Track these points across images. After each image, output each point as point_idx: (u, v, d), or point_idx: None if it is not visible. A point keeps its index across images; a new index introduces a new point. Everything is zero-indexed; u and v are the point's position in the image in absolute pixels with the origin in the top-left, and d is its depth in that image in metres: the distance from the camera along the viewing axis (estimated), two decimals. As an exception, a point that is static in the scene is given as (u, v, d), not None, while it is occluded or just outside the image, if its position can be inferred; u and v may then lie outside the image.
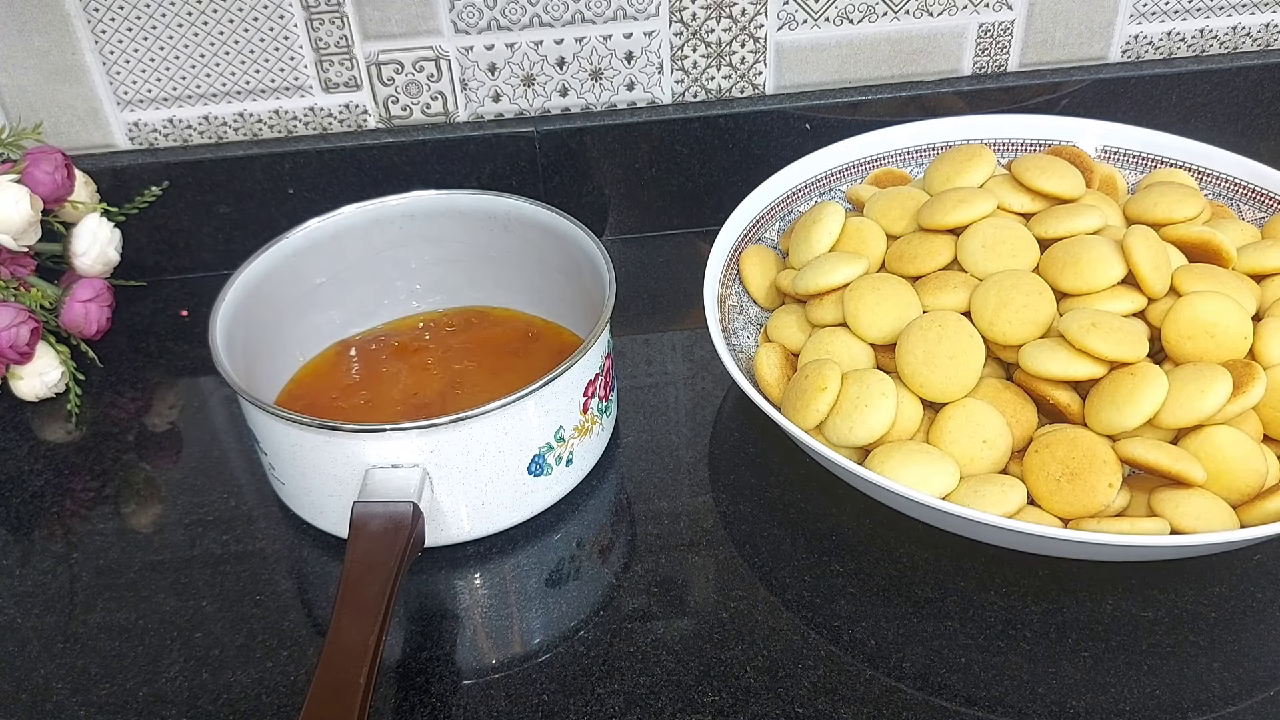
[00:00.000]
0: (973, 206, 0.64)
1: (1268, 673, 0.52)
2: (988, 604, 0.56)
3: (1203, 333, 0.56)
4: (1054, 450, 0.55)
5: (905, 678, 0.53)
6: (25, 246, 0.73)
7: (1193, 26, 0.83)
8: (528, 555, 0.60)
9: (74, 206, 0.77)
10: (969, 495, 0.55)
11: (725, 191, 0.76)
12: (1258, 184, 0.71)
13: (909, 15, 0.80)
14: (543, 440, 0.58)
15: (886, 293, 0.62)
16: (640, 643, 0.55)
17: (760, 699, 0.52)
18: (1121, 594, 0.56)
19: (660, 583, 0.58)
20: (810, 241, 0.67)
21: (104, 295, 0.76)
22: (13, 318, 0.70)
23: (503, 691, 0.53)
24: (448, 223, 0.71)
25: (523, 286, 0.73)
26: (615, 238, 0.86)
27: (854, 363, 0.61)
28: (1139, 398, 0.54)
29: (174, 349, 0.78)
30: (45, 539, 0.63)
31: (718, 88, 0.82)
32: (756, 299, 0.70)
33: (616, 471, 0.65)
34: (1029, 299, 0.59)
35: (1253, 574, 0.57)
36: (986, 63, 0.83)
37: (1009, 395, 0.59)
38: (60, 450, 0.70)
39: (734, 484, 0.64)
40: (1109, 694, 0.51)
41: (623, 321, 0.76)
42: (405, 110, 0.81)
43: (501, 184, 0.81)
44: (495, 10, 0.76)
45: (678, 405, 0.70)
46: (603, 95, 0.81)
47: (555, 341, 0.71)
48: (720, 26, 0.79)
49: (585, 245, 0.65)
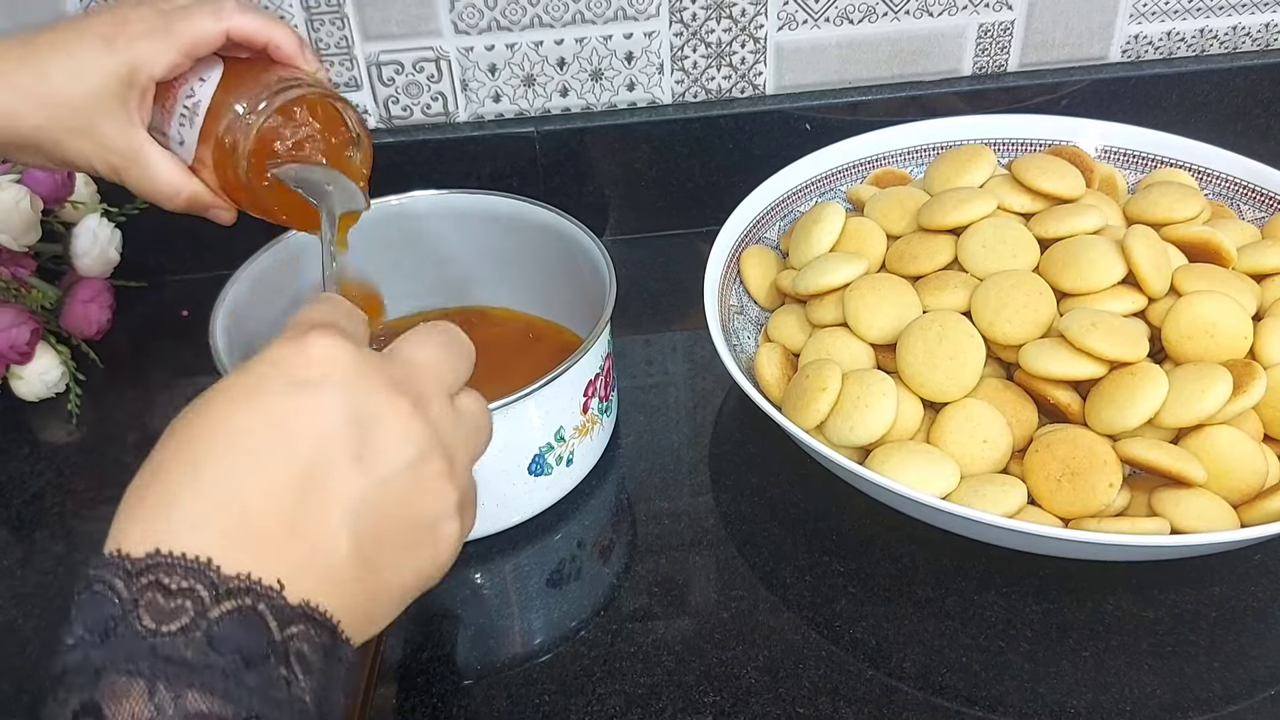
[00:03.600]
0: (973, 206, 0.64)
1: (1268, 673, 0.52)
2: (988, 604, 0.56)
3: (1203, 333, 0.56)
4: (1054, 450, 0.55)
5: (906, 677, 0.53)
6: (25, 246, 0.73)
7: (1193, 26, 0.83)
8: (528, 555, 0.60)
9: (74, 206, 0.77)
10: (969, 495, 0.55)
11: (725, 191, 0.76)
12: (1258, 184, 0.71)
13: (909, 15, 0.80)
14: (543, 440, 0.58)
15: (887, 293, 0.62)
16: (641, 643, 0.55)
17: (761, 699, 0.52)
18: (1121, 594, 0.56)
19: (661, 583, 0.58)
20: (810, 241, 0.67)
21: (104, 295, 0.76)
22: (13, 318, 0.70)
23: (504, 691, 0.53)
24: (448, 223, 0.71)
25: (523, 286, 0.73)
26: (615, 238, 0.86)
27: (854, 363, 0.61)
28: (1139, 398, 0.54)
29: (174, 349, 0.78)
30: (46, 539, 0.63)
31: (718, 88, 0.82)
32: (757, 299, 0.70)
33: (617, 471, 0.65)
34: (1029, 299, 0.59)
35: (1253, 574, 0.57)
36: (987, 63, 0.83)
37: (1009, 395, 0.59)
38: (61, 450, 0.70)
39: (735, 484, 0.64)
40: (1109, 694, 0.51)
41: (623, 321, 0.76)
42: (405, 110, 0.81)
43: (501, 184, 0.81)
44: (495, 11, 0.76)
45: (678, 405, 0.70)
46: (603, 95, 0.81)
47: (555, 341, 0.71)
48: (720, 27, 0.79)
49: (585, 245, 0.65)
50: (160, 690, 0.27)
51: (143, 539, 0.29)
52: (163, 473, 0.30)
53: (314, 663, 0.30)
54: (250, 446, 0.30)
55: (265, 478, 0.30)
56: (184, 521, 0.29)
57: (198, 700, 0.27)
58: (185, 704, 0.27)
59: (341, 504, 0.31)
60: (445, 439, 0.34)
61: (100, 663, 0.27)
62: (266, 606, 0.29)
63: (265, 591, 0.29)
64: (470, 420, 0.37)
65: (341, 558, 0.31)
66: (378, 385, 0.32)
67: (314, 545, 0.30)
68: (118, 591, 0.28)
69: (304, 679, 0.29)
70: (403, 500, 0.32)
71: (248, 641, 0.28)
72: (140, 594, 0.28)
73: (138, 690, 0.27)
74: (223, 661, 0.28)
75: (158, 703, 0.27)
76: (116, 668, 0.27)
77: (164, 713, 0.27)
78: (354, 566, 0.31)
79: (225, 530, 0.29)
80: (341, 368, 0.32)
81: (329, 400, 0.31)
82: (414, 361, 0.35)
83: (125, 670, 0.27)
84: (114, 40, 0.46)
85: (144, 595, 0.28)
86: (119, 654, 0.27)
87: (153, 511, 0.29)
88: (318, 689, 0.30)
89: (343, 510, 0.31)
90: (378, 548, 0.32)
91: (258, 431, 0.31)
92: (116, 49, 0.46)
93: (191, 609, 0.28)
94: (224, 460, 0.30)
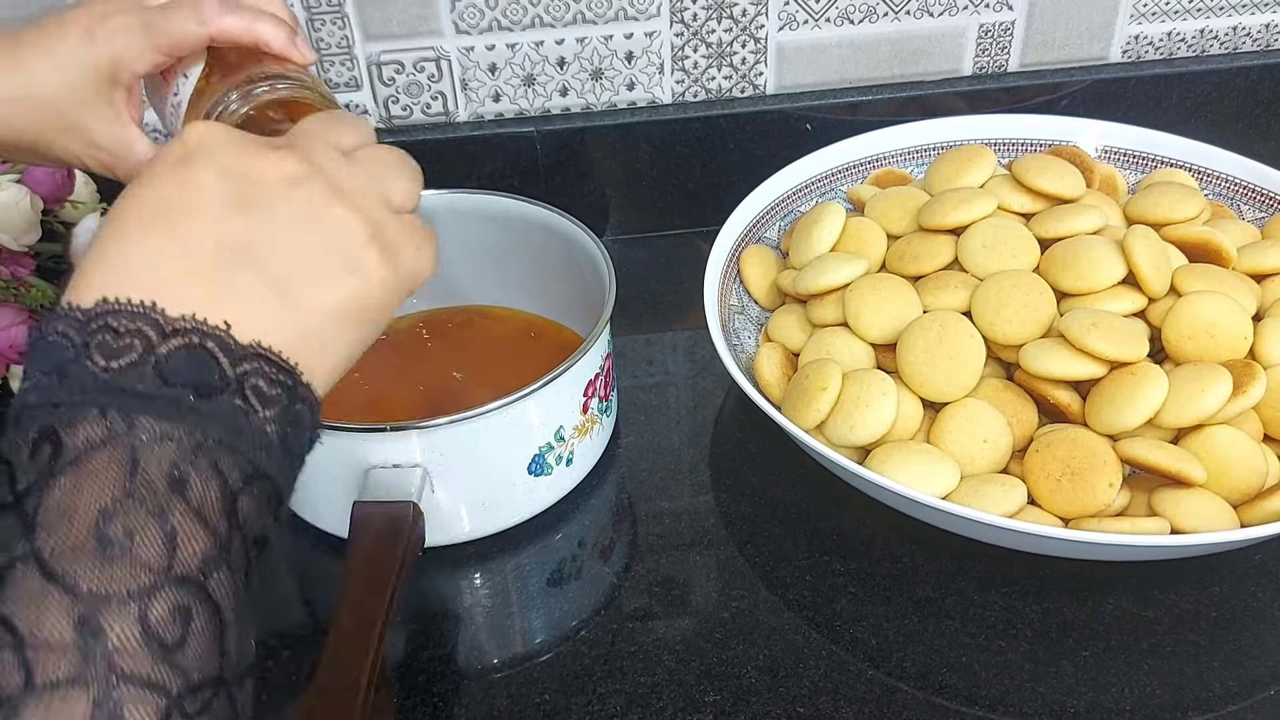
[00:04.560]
0: (973, 206, 0.64)
1: (1268, 673, 0.52)
2: (988, 604, 0.56)
3: (1203, 333, 0.56)
4: (1054, 450, 0.55)
5: (906, 677, 0.53)
6: (25, 246, 0.73)
7: (1193, 26, 0.83)
8: (529, 555, 0.60)
9: (74, 206, 0.77)
10: (969, 495, 0.55)
11: (725, 191, 0.76)
12: (1258, 184, 0.71)
13: (909, 15, 0.80)
14: (543, 440, 0.58)
15: (887, 293, 0.62)
16: (642, 642, 0.55)
17: (761, 698, 0.52)
18: (1121, 594, 0.56)
19: (661, 582, 0.58)
20: (811, 241, 0.67)
21: (104, 295, 0.76)
22: (13, 318, 0.70)
23: (504, 691, 0.53)
24: (448, 223, 0.71)
25: (523, 286, 0.73)
26: (615, 238, 0.86)
27: (854, 362, 0.61)
28: (1139, 398, 0.54)
29: (174, 349, 0.78)
30: (46, 539, 0.63)
31: (718, 88, 0.82)
32: (757, 299, 0.70)
33: (617, 471, 0.65)
34: (1029, 299, 0.59)
35: (1253, 574, 0.57)
36: (987, 63, 0.83)
37: (1009, 395, 0.59)
38: (61, 450, 0.70)
39: (735, 484, 0.64)
40: (1109, 694, 0.51)
41: (623, 321, 0.76)
42: (405, 110, 0.81)
43: (501, 184, 0.81)
44: (496, 11, 0.76)
45: (678, 405, 0.70)
46: (603, 95, 0.81)
47: (555, 341, 0.71)
48: (721, 27, 0.79)
49: (585, 245, 0.65)
50: (113, 414, 0.28)
51: (88, 292, 0.30)
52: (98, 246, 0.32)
53: (273, 398, 0.31)
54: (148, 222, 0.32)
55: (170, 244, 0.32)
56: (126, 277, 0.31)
57: (151, 424, 0.29)
58: (139, 427, 0.29)
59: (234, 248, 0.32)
60: (331, 175, 0.35)
61: (56, 397, 0.29)
62: (216, 345, 0.30)
63: (211, 330, 0.31)
64: (369, 160, 0.37)
65: (262, 298, 0.32)
66: (251, 148, 0.34)
67: (233, 292, 0.32)
68: (70, 338, 0.30)
69: (264, 411, 0.31)
70: (294, 230, 0.33)
71: (198, 375, 0.30)
72: (90, 337, 0.29)
73: (92, 416, 0.28)
74: (174, 393, 0.29)
75: (111, 424, 0.28)
76: (72, 400, 0.29)
77: (117, 432, 0.28)
78: (279, 305, 0.32)
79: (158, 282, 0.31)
80: (215, 141, 0.34)
81: (201, 166, 0.33)
82: (298, 129, 0.37)
83: (79, 401, 0.29)
84: (94, 32, 0.47)
85: (94, 338, 0.29)
86: (74, 388, 0.29)
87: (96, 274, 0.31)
88: (280, 423, 0.31)
89: (238, 253, 0.32)
90: (293, 283, 0.33)
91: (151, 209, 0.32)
92: (96, 40, 0.46)
93: (140, 346, 0.30)
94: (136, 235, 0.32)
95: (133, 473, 0.28)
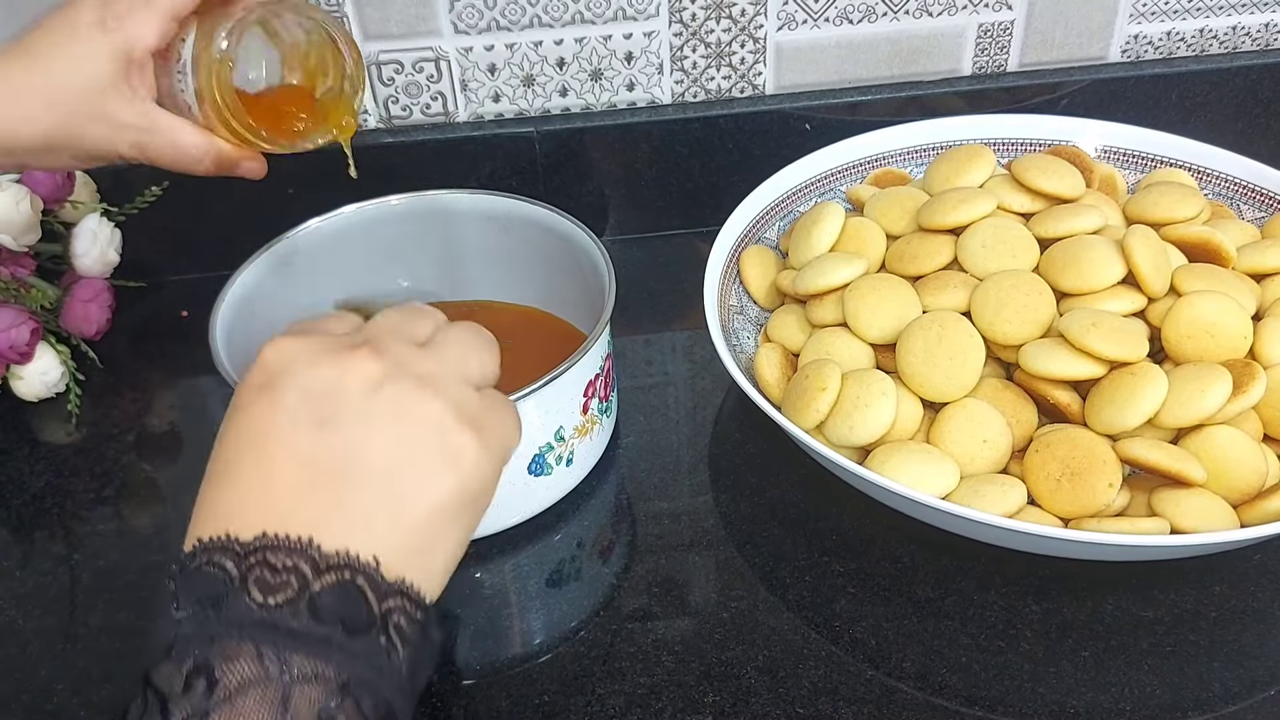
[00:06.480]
0: (973, 206, 0.64)
1: (1268, 673, 0.52)
2: (988, 604, 0.56)
3: (1203, 333, 0.56)
4: (1054, 450, 0.55)
5: (906, 677, 0.53)
6: (25, 246, 0.73)
7: (1192, 26, 0.83)
8: (528, 555, 0.60)
9: (74, 206, 0.77)
10: (969, 495, 0.55)
11: (725, 191, 0.76)
12: (1258, 184, 0.71)
13: (909, 15, 0.80)
14: (543, 440, 0.58)
15: (886, 293, 0.62)
16: (641, 643, 0.55)
17: (761, 699, 0.52)
18: (1121, 594, 0.56)
19: (661, 583, 0.58)
20: (810, 242, 0.67)
21: (104, 295, 0.76)
22: (13, 318, 0.70)
23: (504, 691, 0.53)
24: (448, 223, 0.71)
25: (523, 286, 0.73)
26: (615, 238, 0.86)
27: (854, 363, 0.61)
28: (1139, 398, 0.54)
29: (174, 349, 0.78)
30: (45, 540, 0.63)
31: (718, 88, 0.82)
32: (757, 299, 0.70)
33: (617, 471, 0.65)
34: (1029, 299, 0.59)
35: (1253, 574, 0.57)
36: (986, 63, 0.83)
37: (1009, 395, 0.59)
38: (60, 451, 0.70)
39: (734, 484, 0.64)
40: (1109, 694, 0.51)
41: (623, 321, 0.76)
42: (405, 110, 0.81)
43: (501, 184, 0.81)
44: (495, 11, 0.76)
45: (678, 405, 0.70)
46: (603, 95, 0.81)
47: (555, 340, 0.71)
48: (720, 27, 0.79)
49: (585, 245, 0.65)
50: (268, 653, 0.29)
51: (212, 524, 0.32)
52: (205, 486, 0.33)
53: (410, 635, 0.32)
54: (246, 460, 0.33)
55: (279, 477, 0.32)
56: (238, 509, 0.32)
57: (303, 663, 0.30)
58: (292, 665, 0.29)
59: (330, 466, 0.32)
60: (411, 368, 0.35)
61: (213, 630, 0.30)
62: (365, 580, 0.31)
63: (362, 566, 0.31)
64: (444, 344, 0.37)
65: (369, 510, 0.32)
66: (329, 357, 0.34)
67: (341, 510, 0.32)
68: (228, 570, 0.30)
69: (402, 649, 0.32)
70: (385, 431, 0.33)
71: (347, 611, 0.31)
72: (249, 571, 0.30)
73: (248, 652, 0.29)
74: (325, 630, 0.30)
75: (266, 664, 0.29)
76: (228, 634, 0.30)
77: (271, 672, 0.29)
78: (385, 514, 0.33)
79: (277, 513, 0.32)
80: (293, 358, 0.34)
81: (282, 388, 0.34)
82: (374, 325, 0.37)
83: (236, 636, 0.30)
84: (104, 22, 0.47)
85: (253, 573, 0.30)
86: (230, 622, 0.30)
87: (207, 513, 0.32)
88: (412, 661, 0.32)
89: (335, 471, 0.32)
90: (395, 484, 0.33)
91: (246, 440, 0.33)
92: (108, 29, 0.47)
93: (296, 583, 0.30)
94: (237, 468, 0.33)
95: (283, 712, 0.29)
